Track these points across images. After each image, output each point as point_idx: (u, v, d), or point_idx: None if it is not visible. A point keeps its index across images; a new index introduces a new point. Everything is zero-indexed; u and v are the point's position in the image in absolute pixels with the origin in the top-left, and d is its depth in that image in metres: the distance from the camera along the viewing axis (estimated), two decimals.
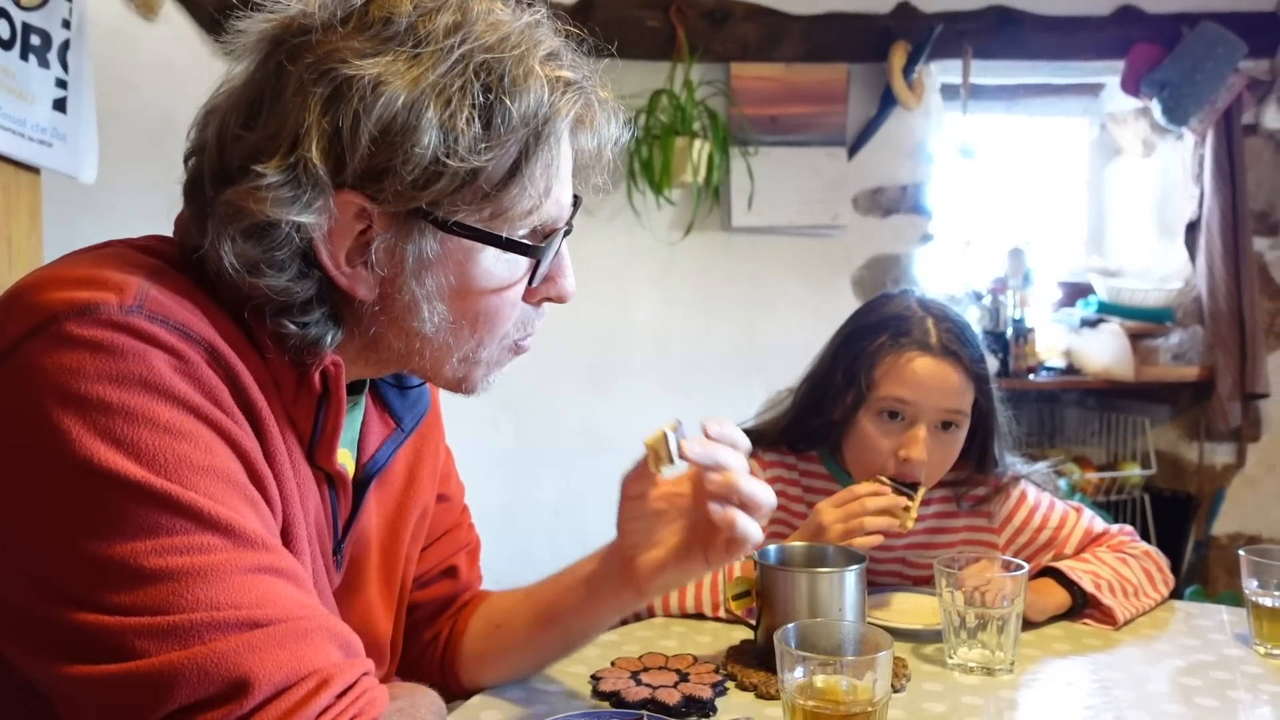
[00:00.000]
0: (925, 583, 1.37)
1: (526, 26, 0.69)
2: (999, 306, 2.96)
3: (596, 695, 0.99)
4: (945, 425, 1.25)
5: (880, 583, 1.37)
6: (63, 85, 1.64)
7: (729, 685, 1.02)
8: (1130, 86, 2.90)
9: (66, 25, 1.64)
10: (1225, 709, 0.98)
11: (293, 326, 0.67)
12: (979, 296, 3.02)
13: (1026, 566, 1.10)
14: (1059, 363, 3.03)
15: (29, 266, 1.57)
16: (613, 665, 1.04)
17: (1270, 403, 3.02)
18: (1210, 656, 1.12)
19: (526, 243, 0.70)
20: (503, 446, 2.91)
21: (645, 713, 0.91)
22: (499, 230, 0.69)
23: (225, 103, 0.68)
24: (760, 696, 1.00)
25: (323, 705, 0.58)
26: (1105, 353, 2.94)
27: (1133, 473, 2.99)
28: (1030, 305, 3.01)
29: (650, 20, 2.78)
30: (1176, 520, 3.01)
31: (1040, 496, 1.36)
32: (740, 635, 1.14)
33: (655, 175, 2.76)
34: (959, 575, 1.09)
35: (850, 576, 1.05)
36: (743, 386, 2.89)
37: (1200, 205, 2.96)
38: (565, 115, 0.68)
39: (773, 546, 1.14)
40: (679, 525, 0.89)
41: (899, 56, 2.81)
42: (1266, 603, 1.13)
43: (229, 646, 0.56)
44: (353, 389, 0.79)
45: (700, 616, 1.23)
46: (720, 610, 1.22)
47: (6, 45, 1.54)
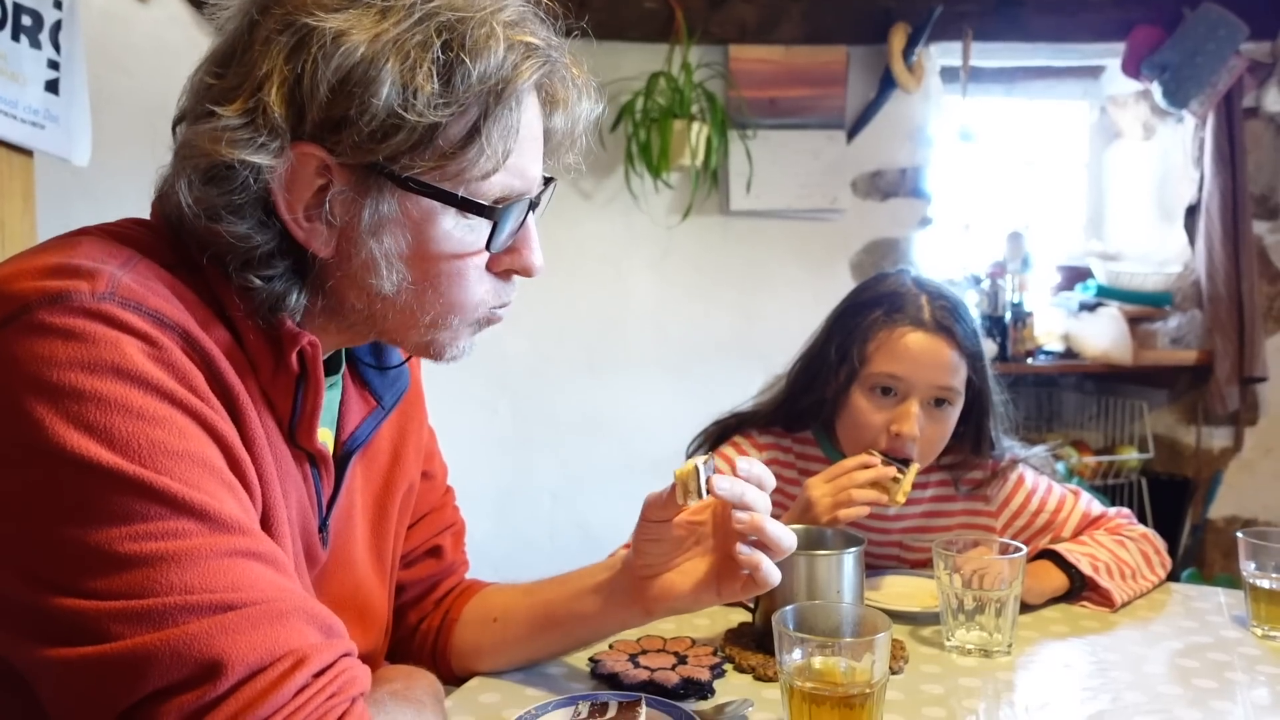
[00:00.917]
0: (923, 565, 1.38)
1: None
2: (998, 290, 2.95)
3: (595, 677, 0.99)
4: (938, 402, 1.26)
5: (878, 565, 1.38)
6: (55, 67, 1.62)
7: (727, 667, 1.02)
8: (1131, 69, 2.89)
9: (58, 6, 1.62)
10: (1223, 690, 0.98)
11: (257, 281, 0.68)
12: (978, 280, 3.01)
13: (1024, 549, 1.10)
14: (1057, 347, 3.03)
15: (22, 248, 1.55)
16: (611, 648, 1.04)
17: (1268, 386, 3.02)
18: (1207, 638, 1.12)
19: (481, 203, 0.70)
20: (500, 431, 2.91)
21: (644, 695, 0.91)
22: (456, 190, 0.69)
23: (203, 60, 0.70)
24: (758, 678, 1.00)
25: (298, 684, 0.58)
26: (1104, 337, 2.94)
27: (1130, 456, 3.00)
28: (1029, 289, 3.00)
29: (648, 1, 2.76)
30: (1173, 504, 3.01)
31: (1038, 480, 1.36)
32: (738, 618, 1.14)
33: (653, 158, 2.75)
34: (957, 558, 1.09)
35: (848, 559, 1.05)
36: (741, 370, 2.88)
37: (1200, 189, 2.95)
38: (527, 79, 0.69)
39: None
40: (696, 553, 0.91)
41: (899, 39, 2.79)
42: (1264, 585, 1.13)
43: (202, 629, 0.56)
44: (331, 369, 0.80)
45: None
46: None
47: None
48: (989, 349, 1.32)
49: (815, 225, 2.97)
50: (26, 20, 1.57)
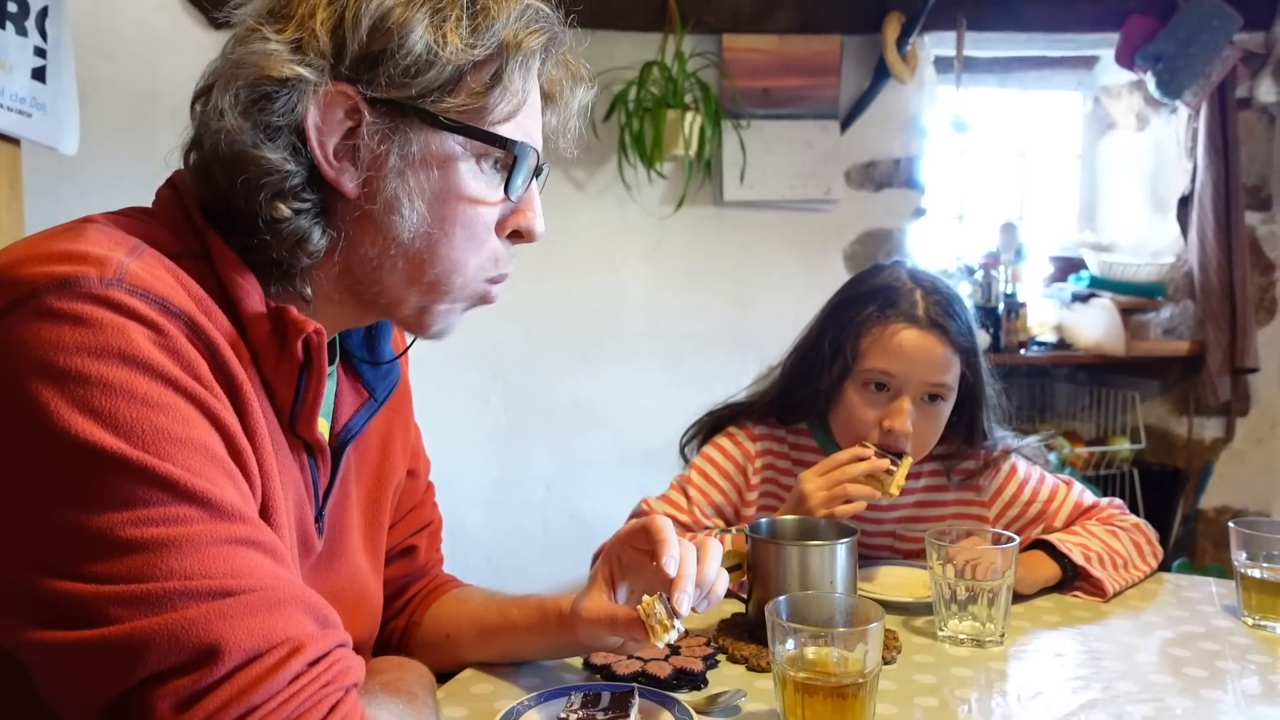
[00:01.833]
0: (916, 556, 1.38)
1: None
2: (991, 281, 2.96)
3: (588, 668, 0.99)
4: (931, 398, 1.25)
5: (871, 556, 1.38)
6: (41, 54, 1.61)
7: (720, 658, 1.03)
8: (1124, 59, 2.88)
9: None
10: (1214, 679, 0.98)
11: (287, 210, 0.70)
12: (971, 271, 3.01)
13: (1017, 539, 1.10)
14: (1050, 337, 3.04)
15: (10, 239, 1.54)
16: None
17: (1259, 377, 3.03)
18: (1199, 627, 1.12)
19: (503, 135, 0.74)
20: (494, 422, 2.90)
21: (637, 685, 0.91)
22: (480, 127, 0.73)
23: (246, 15, 0.73)
24: (751, 669, 1.00)
25: (294, 672, 0.59)
26: (1096, 327, 2.95)
27: (1122, 447, 3.01)
28: (1022, 280, 3.01)
29: None
30: (1165, 494, 3.03)
31: (1030, 470, 1.36)
32: (731, 609, 1.14)
33: (646, 149, 2.74)
34: (950, 548, 1.09)
35: (841, 550, 1.05)
36: (734, 361, 2.88)
37: (1193, 180, 2.95)
38: (538, 40, 0.75)
39: (764, 520, 1.14)
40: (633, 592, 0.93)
41: (893, 28, 2.78)
42: (1255, 574, 1.14)
43: (200, 614, 0.56)
44: (328, 359, 0.79)
45: None
46: None
47: None
48: (982, 340, 1.32)
49: (809, 216, 2.96)
50: (13, 7, 1.55)
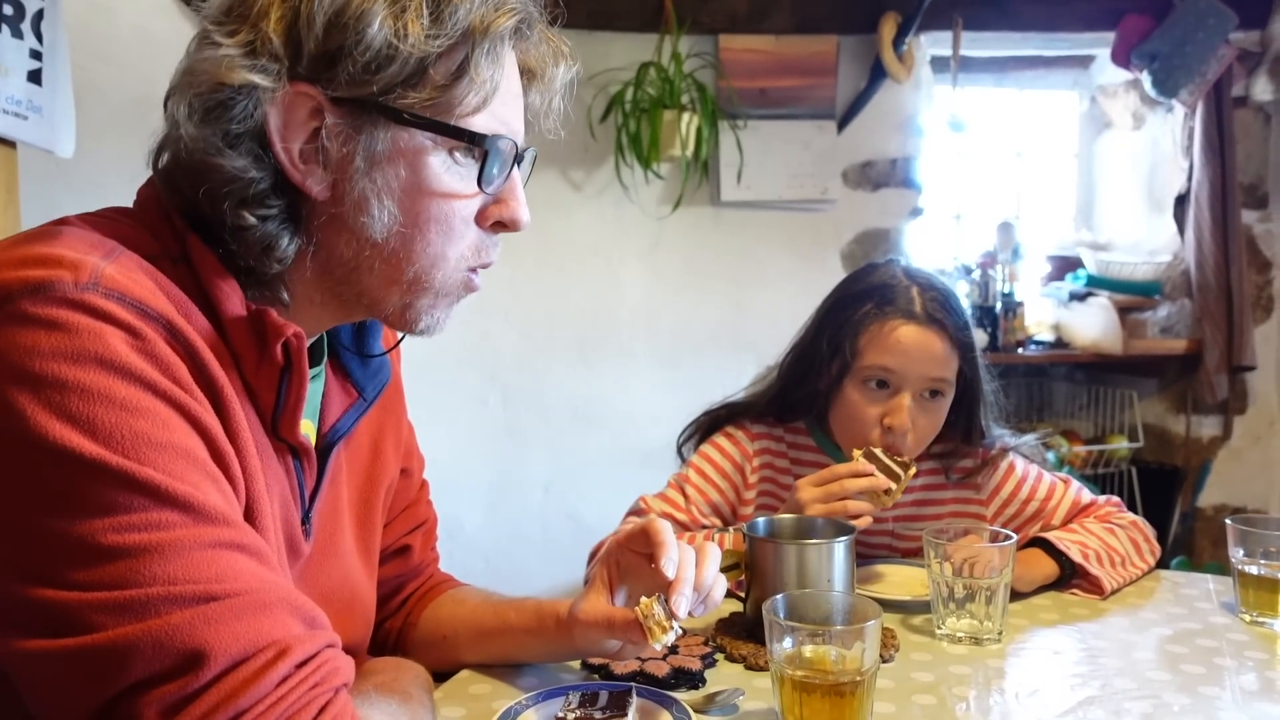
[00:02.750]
0: (914, 554, 1.38)
1: None
2: (988, 280, 2.96)
3: (586, 668, 0.98)
4: (930, 394, 1.26)
5: (869, 554, 1.38)
6: (37, 57, 1.60)
7: (718, 657, 1.02)
8: (1120, 58, 2.88)
9: None
10: (1211, 675, 0.98)
11: (252, 219, 0.69)
12: (968, 270, 3.01)
13: (1014, 537, 1.10)
14: (1047, 336, 3.04)
15: (2, 240, 1.54)
16: None
17: (1256, 375, 3.04)
18: (1197, 624, 1.12)
19: (471, 130, 0.72)
20: (491, 423, 2.90)
21: (634, 685, 0.91)
22: (447, 122, 0.71)
23: (205, 16, 0.72)
24: (749, 668, 1.00)
25: (281, 675, 0.58)
26: (1094, 326, 2.95)
27: (1120, 445, 3.01)
28: (1019, 279, 3.01)
29: None
30: (1163, 492, 3.03)
31: (1028, 468, 1.37)
32: (729, 608, 1.14)
33: (643, 149, 2.74)
34: (948, 546, 1.09)
35: (839, 548, 1.05)
36: (732, 361, 2.89)
37: (1189, 178, 2.96)
38: (508, 20, 0.72)
39: (761, 519, 1.14)
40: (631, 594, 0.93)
41: (889, 28, 2.78)
42: (1252, 571, 1.14)
43: (184, 619, 0.56)
44: (313, 360, 0.79)
45: None
46: None
47: None
48: (980, 339, 1.33)
49: (806, 216, 2.97)
50: (8, 9, 1.55)
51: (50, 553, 0.56)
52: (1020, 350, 2.94)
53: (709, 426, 1.44)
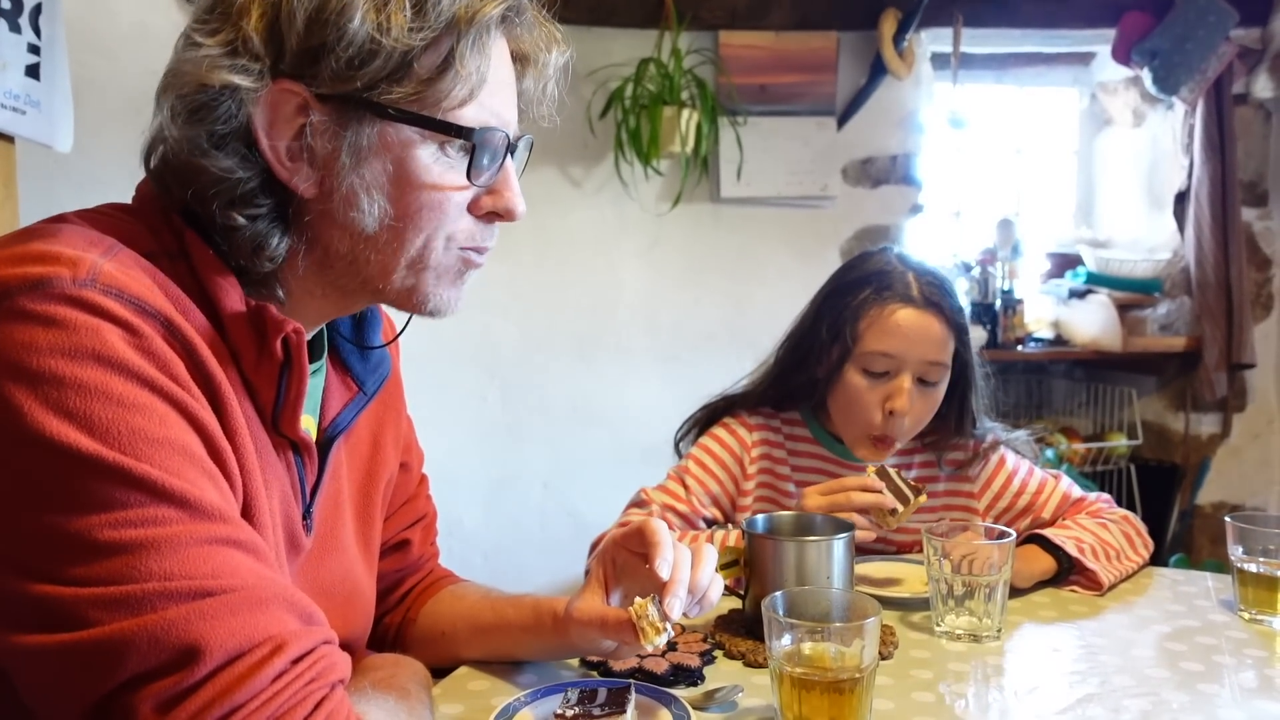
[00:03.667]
0: (909, 549, 1.38)
1: None
2: (988, 278, 2.96)
3: (585, 665, 0.98)
4: (928, 376, 1.28)
5: (868, 551, 1.38)
6: (35, 51, 1.60)
7: (717, 654, 1.02)
8: (1121, 55, 2.88)
9: None
10: (1210, 673, 0.98)
11: (241, 219, 0.69)
12: (968, 268, 3.01)
13: (1013, 534, 1.10)
14: (1047, 334, 3.04)
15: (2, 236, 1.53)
16: None
17: (1256, 373, 3.03)
18: (1195, 622, 1.13)
19: (458, 124, 0.71)
20: (490, 420, 2.90)
21: (633, 681, 0.91)
22: (435, 117, 0.70)
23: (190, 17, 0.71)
24: (748, 665, 1.00)
25: (276, 670, 0.58)
26: (1093, 324, 2.95)
27: (1119, 443, 3.01)
28: (1019, 276, 3.01)
29: None
30: (1162, 490, 3.03)
31: (1019, 463, 1.38)
32: (729, 605, 1.14)
33: (643, 145, 2.73)
34: (946, 543, 1.09)
35: (838, 545, 1.05)
36: (731, 358, 2.88)
37: (1189, 176, 2.95)
38: (494, 10, 0.71)
39: (760, 516, 1.14)
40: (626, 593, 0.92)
41: (889, 24, 2.78)
42: (1251, 569, 1.14)
43: (180, 615, 0.56)
44: (313, 355, 0.79)
45: None
46: None
47: None
48: (979, 336, 1.35)
49: (806, 212, 2.96)
50: (6, 4, 1.54)
51: (47, 548, 0.56)
52: (1020, 347, 2.94)
53: (706, 420, 1.45)
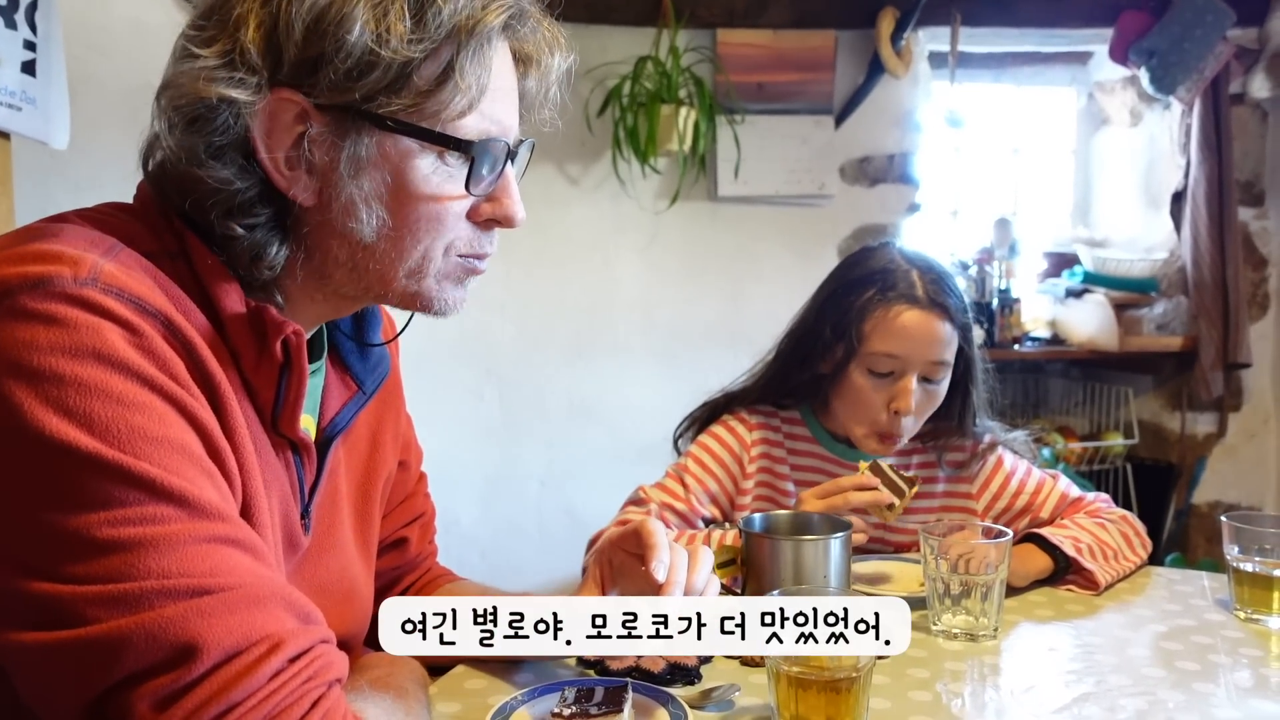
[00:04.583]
0: (907, 549, 1.38)
1: None
2: (985, 277, 2.96)
3: (581, 664, 0.98)
4: (933, 375, 1.28)
5: (864, 550, 1.38)
6: (31, 48, 1.59)
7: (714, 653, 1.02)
8: (1118, 54, 2.88)
9: None
10: (1206, 672, 0.98)
11: (239, 229, 0.69)
12: (965, 266, 3.01)
13: (1010, 534, 1.10)
14: (1044, 333, 3.04)
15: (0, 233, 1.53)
16: None
17: (1252, 372, 3.04)
18: (1191, 621, 1.13)
19: (458, 138, 0.71)
20: (487, 418, 2.90)
21: (630, 680, 0.91)
22: (433, 129, 0.70)
23: (186, 24, 0.71)
24: (745, 664, 1.00)
25: (274, 669, 0.58)
26: (1090, 323, 2.95)
27: (1115, 442, 3.02)
28: (1016, 275, 3.01)
29: None
30: (1158, 489, 3.03)
31: (1017, 463, 1.38)
32: None
33: (640, 144, 2.73)
34: (943, 542, 1.09)
35: (835, 544, 1.05)
36: (729, 356, 2.87)
37: (1186, 175, 2.96)
38: (496, 18, 0.70)
39: (757, 515, 1.14)
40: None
41: (887, 23, 2.78)
42: (1247, 568, 1.14)
43: (178, 613, 0.56)
44: (313, 355, 0.79)
45: None
46: None
47: None
48: (976, 335, 1.35)
49: (803, 211, 2.96)
50: (1, 0, 1.54)
51: (45, 546, 0.56)
52: (1016, 346, 2.94)
53: (706, 418, 1.45)
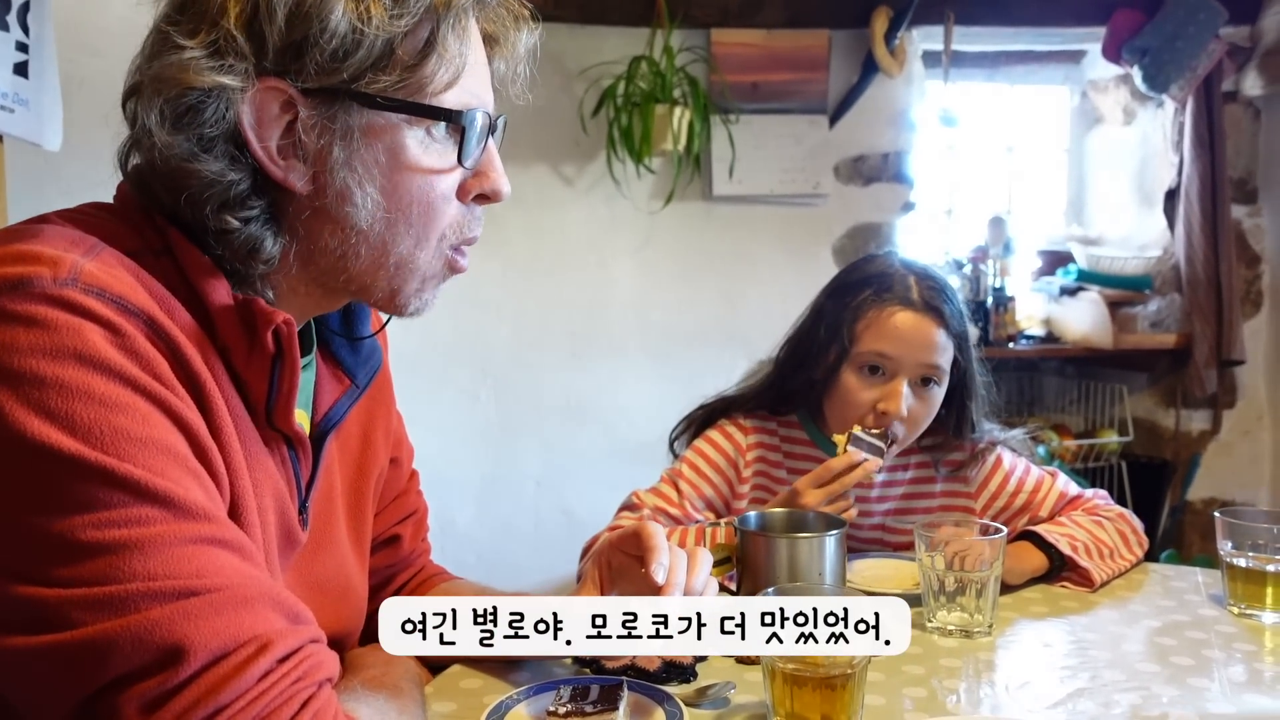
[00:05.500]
0: (904, 548, 1.38)
1: None
2: (979, 275, 2.96)
3: (577, 662, 0.98)
4: (925, 381, 1.28)
5: (859, 548, 1.38)
6: (23, 49, 1.59)
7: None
8: (1111, 53, 2.89)
9: None
10: (1200, 667, 0.99)
11: (234, 222, 0.68)
12: (960, 265, 3.02)
13: (1004, 531, 1.10)
14: (1038, 331, 3.05)
15: None
16: None
17: (1245, 369, 3.05)
18: (1185, 617, 1.13)
19: (447, 108, 0.71)
20: (483, 419, 2.90)
21: (626, 679, 0.91)
22: (421, 102, 0.70)
23: (157, 14, 0.70)
24: (740, 661, 1.00)
25: (262, 670, 0.58)
26: (1084, 321, 2.96)
27: (1110, 440, 3.02)
28: (1010, 274, 3.02)
29: None
30: (1153, 486, 3.04)
31: (1016, 462, 1.38)
32: None
33: (635, 144, 2.73)
34: (938, 539, 1.09)
35: (830, 541, 1.05)
36: (724, 356, 2.88)
37: (1179, 173, 2.96)
38: None
39: (752, 513, 1.14)
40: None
41: (881, 22, 2.78)
42: (1241, 564, 1.14)
43: (164, 615, 0.56)
44: (304, 349, 0.79)
45: None
46: None
47: None
48: (971, 333, 1.35)
49: (798, 210, 2.97)
50: None
51: (30, 549, 0.56)
52: (1011, 345, 2.95)
53: (702, 421, 1.44)
